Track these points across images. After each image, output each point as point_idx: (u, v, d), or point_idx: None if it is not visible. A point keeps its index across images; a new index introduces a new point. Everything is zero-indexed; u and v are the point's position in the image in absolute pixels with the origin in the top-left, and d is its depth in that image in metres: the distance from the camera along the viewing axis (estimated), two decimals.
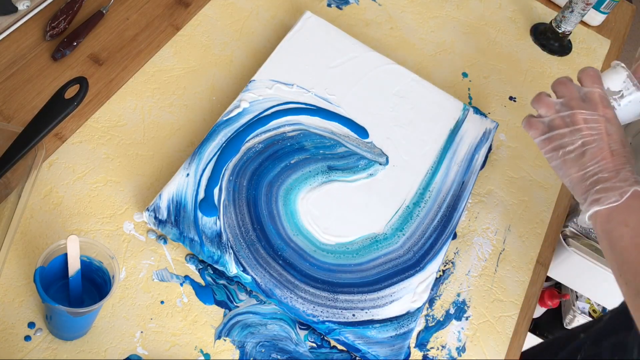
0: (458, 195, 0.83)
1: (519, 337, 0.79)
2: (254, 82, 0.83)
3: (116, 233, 0.71)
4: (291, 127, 0.81)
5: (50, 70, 0.80)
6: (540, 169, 0.94)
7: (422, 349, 0.74)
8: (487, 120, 0.91)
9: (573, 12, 1.04)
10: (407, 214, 0.79)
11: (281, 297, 0.69)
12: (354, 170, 0.81)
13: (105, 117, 0.79)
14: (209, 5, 0.92)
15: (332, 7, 1.00)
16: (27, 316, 0.64)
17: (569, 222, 1.03)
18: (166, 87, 0.83)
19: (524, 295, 0.82)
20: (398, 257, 0.76)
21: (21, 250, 0.67)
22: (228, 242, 0.70)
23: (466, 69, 1.01)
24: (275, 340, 0.70)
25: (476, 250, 0.83)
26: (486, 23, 1.08)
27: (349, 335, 0.70)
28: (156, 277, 0.70)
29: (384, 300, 0.73)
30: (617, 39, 1.17)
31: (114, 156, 0.76)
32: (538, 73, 1.05)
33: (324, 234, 0.75)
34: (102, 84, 0.81)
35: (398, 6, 1.04)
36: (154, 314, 0.68)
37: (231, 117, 0.79)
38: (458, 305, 0.79)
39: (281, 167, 0.78)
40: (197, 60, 0.87)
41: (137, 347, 0.66)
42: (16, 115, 0.76)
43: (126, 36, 0.86)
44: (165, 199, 0.71)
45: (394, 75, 0.91)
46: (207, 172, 0.74)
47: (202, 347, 0.68)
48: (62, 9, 0.84)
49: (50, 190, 0.72)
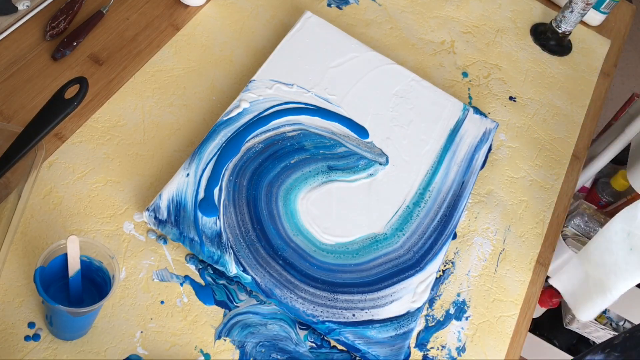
0: (458, 195, 0.83)
1: (519, 337, 0.79)
2: (254, 82, 0.83)
3: (116, 233, 0.71)
4: (291, 127, 0.81)
5: (50, 70, 0.80)
6: (540, 169, 0.94)
7: (422, 349, 0.74)
8: (487, 120, 0.91)
9: (573, 12, 1.04)
10: (407, 214, 0.79)
11: (281, 297, 0.69)
12: (354, 170, 0.81)
13: (105, 117, 0.79)
14: (209, 5, 0.92)
15: (332, 7, 1.00)
16: (27, 316, 0.64)
17: (569, 222, 1.03)
18: (166, 87, 0.83)
19: (524, 295, 0.82)
20: (398, 257, 0.76)
21: (21, 250, 0.67)
22: (228, 242, 0.71)
23: (466, 69, 1.01)
24: (275, 340, 0.70)
25: (476, 250, 0.83)
26: (486, 23, 1.08)
27: (348, 335, 0.70)
28: (156, 277, 0.70)
29: (384, 300, 0.73)
30: (617, 39, 1.17)
31: (114, 156, 0.76)
32: (538, 73, 1.05)
33: (323, 234, 0.75)
34: (102, 84, 0.81)
35: (398, 6, 1.04)
36: (154, 314, 0.68)
37: (231, 117, 0.79)
38: (458, 305, 0.79)
39: (281, 167, 0.78)
40: (197, 60, 0.87)
41: (137, 347, 0.66)
42: (16, 115, 0.76)
43: (126, 36, 0.86)
44: (165, 199, 0.71)
45: (394, 75, 0.91)
46: (207, 172, 0.74)
47: (202, 347, 0.68)
48: (62, 9, 0.84)
49: (50, 190, 0.72)
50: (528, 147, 0.95)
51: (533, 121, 0.98)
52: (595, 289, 0.70)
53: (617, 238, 0.67)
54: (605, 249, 0.68)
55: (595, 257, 0.69)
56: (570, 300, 0.73)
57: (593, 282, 0.70)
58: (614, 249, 0.68)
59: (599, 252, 0.69)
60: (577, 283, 0.72)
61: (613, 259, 0.68)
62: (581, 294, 0.72)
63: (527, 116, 0.99)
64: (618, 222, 0.67)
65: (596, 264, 0.69)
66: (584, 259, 0.70)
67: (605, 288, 0.69)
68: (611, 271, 0.68)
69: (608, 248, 0.68)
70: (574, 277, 0.72)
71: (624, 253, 0.67)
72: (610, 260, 0.68)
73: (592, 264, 0.70)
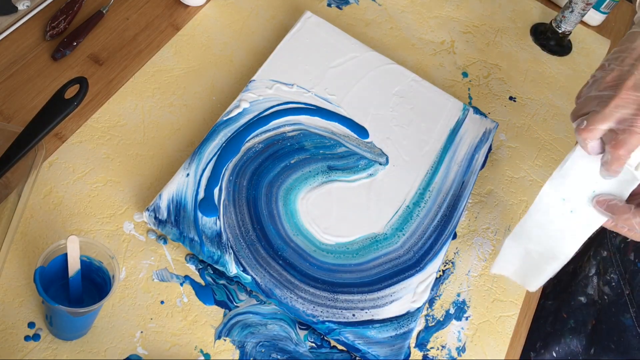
0: (458, 195, 0.83)
1: (519, 337, 0.80)
2: (254, 82, 0.83)
3: (116, 233, 0.71)
4: (291, 127, 0.81)
5: (50, 70, 0.80)
6: (540, 169, 0.94)
7: (422, 349, 0.74)
8: (487, 120, 0.91)
9: (573, 12, 1.04)
10: (407, 214, 0.79)
11: (281, 297, 0.69)
12: (354, 170, 0.81)
13: (105, 117, 0.79)
14: (209, 5, 0.92)
15: (332, 7, 1.00)
16: (27, 316, 0.64)
17: None
18: (166, 87, 0.83)
19: (524, 295, 0.82)
20: (398, 257, 0.76)
21: (21, 250, 0.67)
22: (228, 242, 0.71)
23: (466, 69, 1.01)
24: (275, 340, 0.70)
25: (476, 250, 0.83)
26: (486, 23, 1.08)
27: (348, 335, 0.70)
28: (156, 277, 0.70)
29: (384, 300, 0.73)
30: (617, 39, 1.16)
31: (114, 156, 0.76)
32: (538, 73, 1.05)
33: (324, 234, 0.75)
34: (102, 84, 0.81)
35: (398, 6, 1.04)
36: (154, 314, 0.68)
37: (231, 117, 0.79)
38: (458, 305, 0.79)
39: (281, 167, 0.78)
40: (197, 60, 0.87)
41: (137, 347, 0.66)
42: (16, 115, 0.76)
43: (126, 36, 0.86)
44: (165, 199, 0.71)
45: (394, 75, 0.91)
46: (207, 172, 0.74)
47: (202, 347, 0.68)
48: (62, 9, 0.84)
49: (50, 190, 0.72)
50: (528, 147, 0.95)
51: (533, 121, 0.99)
52: (543, 259, 0.73)
53: (552, 208, 0.69)
54: (546, 221, 0.70)
55: (536, 232, 0.71)
56: (517, 278, 0.76)
57: (538, 254, 0.73)
58: (552, 218, 0.70)
59: (537, 226, 0.70)
60: (519, 261, 0.75)
61: (555, 227, 0.70)
62: (528, 268, 0.75)
63: (527, 116, 0.99)
64: (547, 193, 0.69)
65: (538, 238, 0.72)
66: (520, 239, 0.73)
67: (554, 254, 0.71)
68: (557, 237, 0.71)
69: (547, 219, 0.70)
70: (513, 257, 0.74)
71: (566, 217, 0.69)
72: (552, 228, 0.70)
73: (533, 240, 0.72)
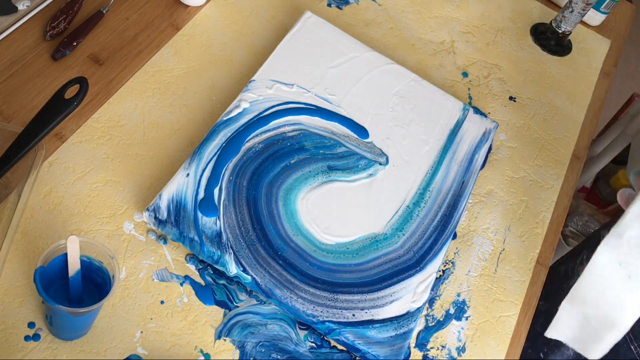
0: (458, 195, 0.83)
1: (519, 337, 0.80)
2: (254, 82, 0.83)
3: (116, 233, 0.71)
4: (291, 127, 0.81)
5: (50, 70, 0.80)
6: (540, 168, 0.94)
7: (422, 349, 0.74)
8: (487, 120, 0.91)
9: (573, 12, 1.04)
10: (407, 214, 0.79)
11: (281, 297, 0.69)
12: (354, 170, 0.81)
13: (105, 117, 0.79)
14: (209, 5, 0.92)
15: (332, 7, 1.00)
16: (27, 316, 0.64)
17: (569, 222, 1.03)
18: (166, 87, 0.83)
19: (524, 295, 0.82)
20: (398, 257, 0.76)
21: (21, 250, 0.67)
22: (228, 242, 0.71)
23: (466, 69, 1.01)
24: (275, 340, 0.70)
25: (476, 250, 0.83)
26: (486, 23, 1.08)
27: (348, 335, 0.70)
28: (156, 277, 0.70)
29: (384, 300, 0.73)
30: (617, 39, 1.17)
31: (114, 156, 0.76)
32: (538, 73, 1.05)
33: (324, 233, 0.75)
34: (102, 84, 0.81)
35: (398, 6, 1.04)
36: (154, 314, 0.68)
37: (231, 117, 0.79)
38: (458, 305, 0.79)
39: (281, 167, 0.78)
40: (197, 60, 0.87)
41: (137, 347, 0.66)
42: (16, 115, 0.76)
43: (126, 36, 0.86)
44: (165, 199, 0.71)
45: (394, 75, 0.91)
46: (207, 172, 0.74)
47: (202, 347, 0.68)
48: (62, 9, 0.84)
49: (50, 190, 0.72)
50: (528, 147, 0.95)
51: (533, 121, 0.98)
52: (603, 327, 0.68)
53: (609, 271, 0.66)
54: (601, 285, 0.66)
55: (592, 297, 0.67)
56: (576, 346, 0.71)
57: (597, 321, 0.69)
58: (609, 283, 0.66)
59: (594, 290, 0.67)
60: (578, 327, 0.70)
61: (613, 292, 0.67)
62: (588, 336, 0.70)
63: (527, 116, 0.99)
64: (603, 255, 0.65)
65: (595, 303, 0.67)
66: (576, 302, 0.68)
67: (614, 322, 0.67)
68: (615, 304, 0.67)
69: (603, 284, 0.66)
70: (571, 322, 0.70)
71: (623, 283, 0.66)
72: (610, 294, 0.66)
73: (590, 304, 0.67)
